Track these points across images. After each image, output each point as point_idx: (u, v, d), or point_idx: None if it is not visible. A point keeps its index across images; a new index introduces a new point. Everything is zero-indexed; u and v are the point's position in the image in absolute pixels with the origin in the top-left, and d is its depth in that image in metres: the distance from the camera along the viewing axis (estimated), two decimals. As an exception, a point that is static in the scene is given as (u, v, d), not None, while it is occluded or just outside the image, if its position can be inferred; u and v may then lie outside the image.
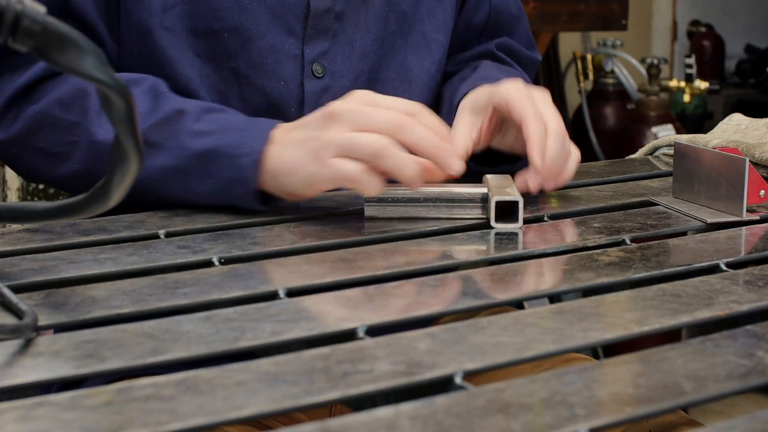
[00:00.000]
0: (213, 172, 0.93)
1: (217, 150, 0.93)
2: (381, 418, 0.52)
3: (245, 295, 0.73)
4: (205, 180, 0.93)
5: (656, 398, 0.56)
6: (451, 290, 0.75)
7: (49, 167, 0.99)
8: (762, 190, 0.95)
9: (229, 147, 0.92)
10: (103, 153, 0.95)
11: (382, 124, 0.87)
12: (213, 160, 0.93)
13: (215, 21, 1.02)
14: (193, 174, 0.93)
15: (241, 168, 0.92)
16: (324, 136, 0.88)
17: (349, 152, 0.87)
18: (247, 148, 0.92)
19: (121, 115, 0.62)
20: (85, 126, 0.96)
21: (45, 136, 0.97)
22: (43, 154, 0.98)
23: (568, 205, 0.99)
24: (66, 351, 0.62)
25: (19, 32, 0.60)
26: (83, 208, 0.68)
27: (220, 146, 0.93)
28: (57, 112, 0.97)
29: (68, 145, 0.97)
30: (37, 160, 0.99)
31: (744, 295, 0.73)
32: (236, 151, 0.92)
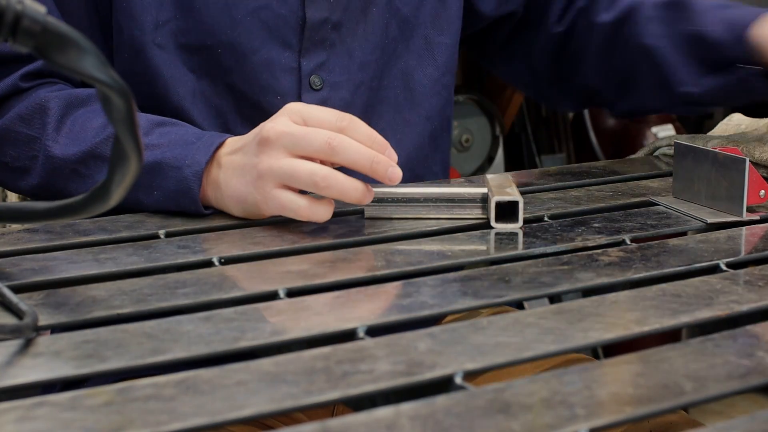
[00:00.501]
0: (158, 184, 0.93)
1: (161, 162, 0.93)
2: (381, 418, 0.52)
3: (245, 295, 0.73)
4: (152, 192, 0.94)
5: (656, 398, 0.56)
6: (451, 290, 0.75)
7: (13, 180, 1.01)
8: (762, 190, 0.95)
9: (174, 159, 0.93)
10: (58, 168, 0.97)
11: (315, 149, 0.87)
12: (158, 172, 0.93)
13: (208, 37, 1.02)
14: (140, 186, 0.93)
15: (185, 179, 0.92)
16: (261, 164, 0.88)
17: (290, 183, 0.87)
18: (190, 160, 0.92)
19: (121, 115, 0.62)
20: (43, 141, 0.97)
21: (8, 150, 0.99)
22: (6, 168, 1.00)
23: (568, 205, 0.99)
24: (66, 351, 0.62)
25: (19, 32, 0.60)
26: (83, 208, 0.68)
27: (166, 158, 0.93)
28: (18, 127, 0.99)
29: (28, 159, 0.98)
30: (2, 174, 1.01)
31: (744, 295, 0.73)
32: (181, 162, 0.93)
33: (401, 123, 1.11)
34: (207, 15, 1.01)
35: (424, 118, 1.12)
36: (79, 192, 0.94)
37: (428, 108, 1.13)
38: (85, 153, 0.96)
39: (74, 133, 0.97)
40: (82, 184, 0.96)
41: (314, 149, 0.87)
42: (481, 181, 0.98)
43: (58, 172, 0.97)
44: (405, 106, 1.11)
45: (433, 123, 1.14)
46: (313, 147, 0.87)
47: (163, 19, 1.01)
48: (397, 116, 1.10)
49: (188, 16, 1.01)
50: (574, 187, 1.06)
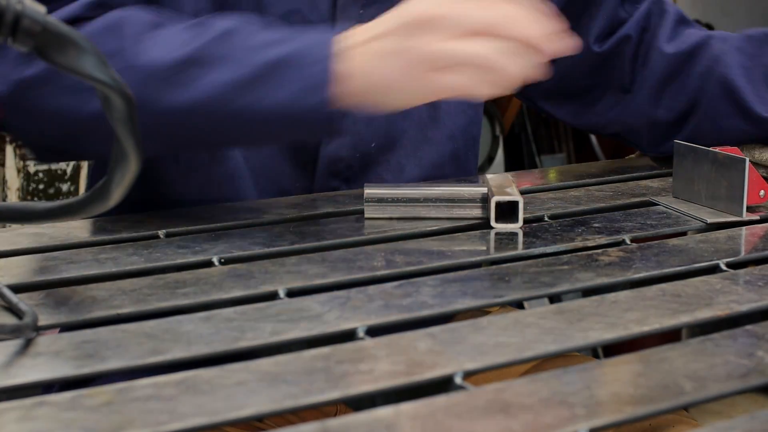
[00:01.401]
0: (282, 83, 0.86)
1: (285, 58, 0.86)
2: (381, 418, 0.52)
3: (245, 295, 0.73)
4: (273, 92, 0.86)
5: (656, 398, 0.56)
6: (451, 290, 0.75)
7: (78, 104, 0.89)
8: (762, 190, 0.95)
9: (299, 55, 0.86)
10: (148, 77, 0.87)
11: (480, 25, 0.82)
12: (281, 69, 0.86)
13: None
14: (260, 87, 0.87)
15: (314, 75, 0.86)
16: (419, 48, 0.83)
17: (453, 65, 0.83)
18: (319, 56, 0.86)
19: (121, 115, 0.62)
20: (124, 53, 0.88)
21: None
22: (76, 89, 0.89)
23: (568, 205, 0.99)
24: (66, 351, 0.62)
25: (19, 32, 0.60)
26: (83, 208, 0.68)
27: (290, 53, 0.86)
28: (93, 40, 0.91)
29: None
30: (70, 97, 0.90)
31: (744, 295, 0.73)
32: (307, 58, 0.86)
33: (423, 140, 1.09)
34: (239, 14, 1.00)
35: (447, 137, 1.10)
36: (172, 103, 0.87)
37: (452, 127, 1.11)
38: (185, 57, 0.87)
39: (160, 44, 0.88)
40: (180, 93, 0.87)
41: (478, 25, 0.82)
42: (481, 181, 0.98)
43: (148, 82, 0.87)
44: (429, 123, 1.09)
45: (457, 142, 1.11)
46: (477, 24, 0.82)
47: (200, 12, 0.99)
48: (419, 134, 1.08)
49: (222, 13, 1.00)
50: (574, 187, 1.06)
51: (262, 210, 0.96)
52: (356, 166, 1.06)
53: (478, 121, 1.14)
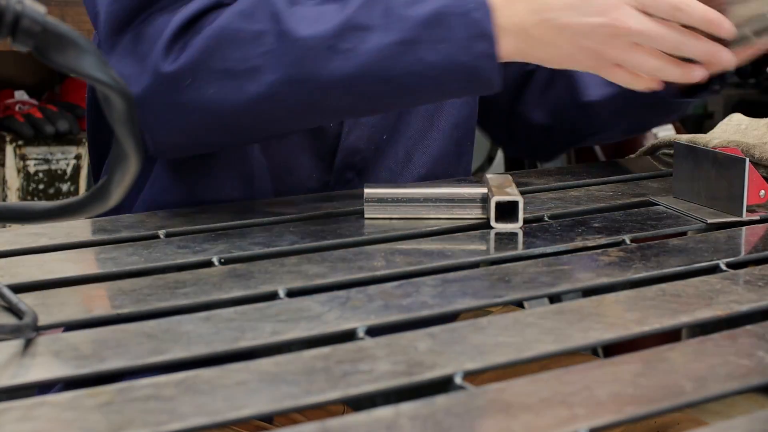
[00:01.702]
0: (445, 36, 0.86)
1: (441, 10, 0.87)
2: (381, 418, 0.52)
3: (245, 295, 0.73)
4: (437, 46, 0.86)
5: (656, 398, 0.56)
6: (451, 290, 0.75)
7: (236, 88, 0.88)
8: (762, 190, 0.95)
9: (454, 5, 0.87)
10: (309, 50, 0.87)
11: (665, 46, 0.87)
12: (441, 22, 0.86)
13: None
14: (422, 44, 0.86)
15: (477, 22, 0.86)
16: (610, 54, 0.87)
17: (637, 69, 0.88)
18: (474, 3, 0.87)
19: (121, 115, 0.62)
20: (279, 29, 0.87)
21: (229, 54, 0.87)
22: (226, 75, 0.88)
23: (568, 205, 0.99)
24: (66, 351, 0.62)
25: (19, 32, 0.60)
26: (83, 208, 0.68)
27: (445, 5, 0.87)
28: (239, 24, 0.87)
29: (259, 56, 0.87)
30: (219, 85, 0.88)
31: (744, 295, 0.73)
32: (464, 6, 0.87)
33: (430, 128, 1.09)
34: None
35: (452, 125, 1.11)
36: (341, 73, 0.86)
37: (457, 116, 1.11)
38: (341, 24, 0.87)
39: (311, 17, 0.88)
40: (345, 61, 0.87)
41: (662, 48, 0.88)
42: (481, 181, 0.98)
43: (310, 54, 0.87)
44: (435, 112, 1.09)
45: (460, 131, 1.12)
46: (660, 47, 0.87)
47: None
48: (426, 122, 1.09)
49: None
50: (574, 187, 1.06)
51: (262, 210, 0.96)
52: (369, 158, 1.06)
53: (476, 113, 1.15)
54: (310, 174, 1.04)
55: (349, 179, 1.06)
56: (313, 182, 1.04)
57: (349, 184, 1.05)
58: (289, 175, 1.03)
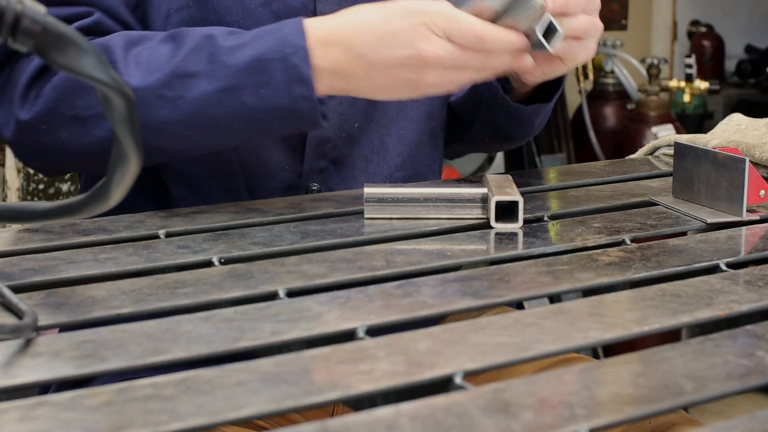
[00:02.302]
0: (265, 80, 0.90)
1: (260, 57, 0.90)
2: (381, 418, 0.52)
3: (245, 295, 0.73)
4: (259, 91, 0.91)
5: (656, 398, 0.56)
6: (451, 290, 0.75)
7: (86, 132, 0.94)
8: (762, 190, 0.95)
9: (272, 51, 0.90)
10: (142, 99, 0.91)
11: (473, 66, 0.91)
12: (261, 68, 0.90)
13: (221, 26, 1.01)
14: (244, 89, 0.91)
15: (296, 66, 0.90)
16: (425, 80, 0.90)
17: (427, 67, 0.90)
18: (292, 47, 0.90)
19: (121, 115, 0.62)
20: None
21: (75, 101, 0.94)
22: (75, 121, 0.94)
23: (568, 205, 0.99)
24: (66, 351, 0.62)
25: (19, 32, 0.60)
26: (83, 208, 0.68)
27: (263, 52, 0.90)
28: None
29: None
30: (70, 129, 0.94)
31: (744, 295, 0.73)
32: (282, 52, 0.90)
33: (403, 118, 1.11)
34: (219, 3, 1.01)
35: (425, 115, 1.13)
36: (170, 119, 0.92)
37: (430, 105, 1.13)
38: (169, 75, 0.92)
39: (144, 64, 0.93)
40: (173, 109, 0.92)
41: (472, 67, 0.91)
42: (481, 181, 0.98)
43: (141, 104, 0.91)
44: (408, 101, 1.11)
45: (434, 121, 1.14)
46: (470, 67, 0.91)
47: (176, 6, 1.01)
48: (400, 112, 1.10)
49: (202, 3, 1.01)
50: (574, 187, 1.06)
51: (262, 210, 0.96)
52: (342, 146, 1.07)
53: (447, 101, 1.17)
54: (282, 165, 1.05)
55: (323, 168, 1.06)
56: (287, 173, 1.05)
57: (323, 174, 1.06)
58: (261, 167, 1.04)
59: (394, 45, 0.90)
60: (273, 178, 1.05)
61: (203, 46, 0.92)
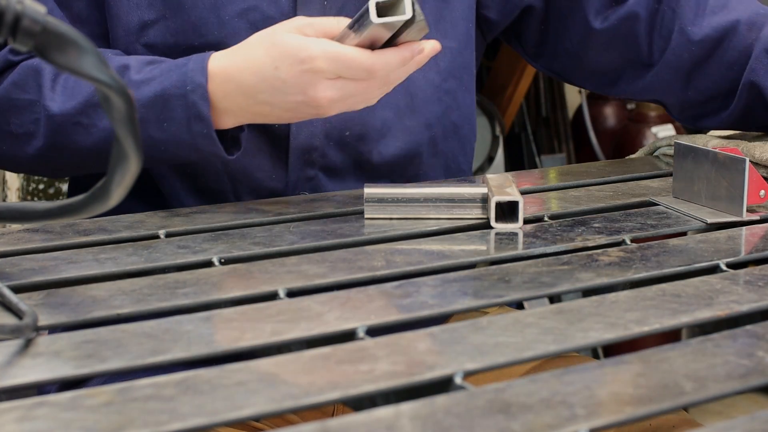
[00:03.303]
0: (166, 116, 0.94)
1: (163, 93, 0.94)
2: (381, 418, 0.52)
3: (245, 295, 0.73)
4: (163, 125, 0.94)
5: (656, 398, 0.56)
6: (451, 290, 0.75)
7: (20, 147, 1.00)
8: (762, 190, 0.95)
9: (174, 87, 0.94)
10: (60, 125, 0.97)
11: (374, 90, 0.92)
12: (162, 103, 0.94)
13: (196, 37, 1.01)
14: (149, 123, 0.94)
15: (194, 104, 0.93)
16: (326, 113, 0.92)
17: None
18: (191, 84, 0.93)
19: (121, 115, 0.62)
20: (42, 102, 0.98)
21: (10, 118, 0.99)
22: (12, 136, 1.00)
23: (568, 205, 0.99)
24: (66, 351, 0.62)
25: (19, 32, 0.60)
26: (83, 208, 0.68)
27: (166, 88, 0.94)
28: (15, 93, 0.99)
29: (32, 123, 0.99)
30: (8, 143, 1.00)
31: (744, 295, 0.73)
32: (182, 89, 0.93)
33: (400, 129, 1.09)
34: (195, 15, 1.01)
35: (423, 125, 1.10)
36: (85, 144, 0.97)
37: (428, 115, 1.10)
38: (84, 103, 0.97)
39: (69, 88, 0.98)
40: (87, 136, 0.97)
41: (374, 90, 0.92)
42: (481, 181, 0.98)
43: (61, 128, 0.97)
44: (405, 111, 1.09)
45: (433, 130, 1.11)
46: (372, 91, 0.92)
47: (151, 18, 1.01)
48: (397, 122, 1.08)
49: (177, 15, 1.01)
50: (574, 187, 1.06)
51: (262, 210, 0.96)
52: (332, 155, 1.06)
53: (458, 107, 1.14)
54: (269, 174, 1.05)
55: (312, 176, 1.06)
56: (274, 182, 1.05)
57: (313, 182, 1.06)
58: (247, 176, 1.05)
59: (287, 91, 0.91)
60: (260, 186, 1.05)
61: (121, 74, 0.96)
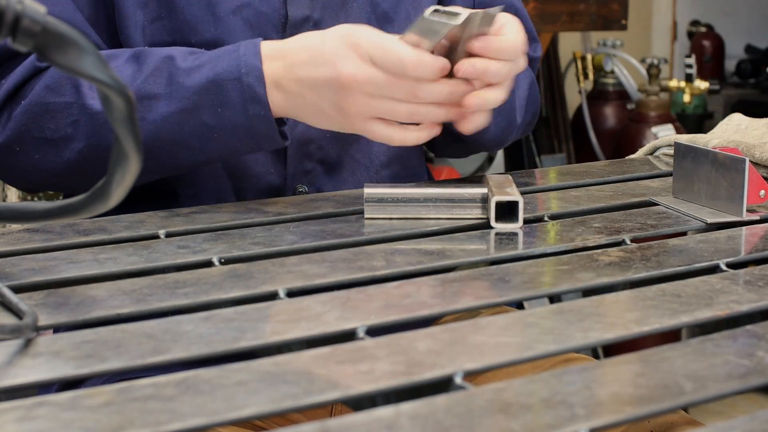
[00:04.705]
0: (221, 100, 0.94)
1: (216, 78, 0.94)
2: (381, 418, 0.52)
3: (245, 295, 0.73)
4: (217, 110, 0.94)
5: (656, 398, 0.56)
6: (451, 290, 0.75)
7: (55, 153, 0.99)
8: (762, 190, 0.95)
9: (228, 72, 0.94)
10: (105, 124, 0.95)
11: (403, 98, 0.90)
12: (217, 88, 0.94)
13: (192, 35, 1.02)
14: (203, 109, 0.94)
15: (251, 86, 0.93)
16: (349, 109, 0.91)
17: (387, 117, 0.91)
18: (246, 67, 0.93)
19: (121, 115, 0.62)
20: (81, 103, 0.97)
21: (44, 124, 0.98)
22: (46, 143, 0.98)
23: (568, 205, 0.99)
24: (66, 351, 0.62)
25: (19, 32, 0.60)
26: (83, 208, 0.68)
27: (219, 73, 0.94)
28: (49, 98, 0.98)
29: (69, 125, 0.97)
30: (42, 151, 0.99)
31: (744, 295, 0.73)
32: (237, 72, 0.93)
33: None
34: (190, 14, 1.02)
35: None
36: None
37: None
38: None
39: None
40: None
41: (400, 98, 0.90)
42: (481, 181, 0.98)
43: (106, 126, 0.95)
44: None
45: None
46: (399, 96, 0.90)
47: (150, 17, 1.02)
48: None
49: (173, 15, 1.02)
50: (574, 187, 1.06)
51: (262, 210, 0.96)
52: (328, 146, 1.07)
53: None
54: (267, 168, 1.05)
55: (309, 169, 1.06)
56: (272, 177, 1.06)
57: (310, 175, 1.06)
58: (246, 170, 1.05)
59: (320, 62, 0.92)
60: (258, 180, 1.05)
61: (163, 68, 0.96)
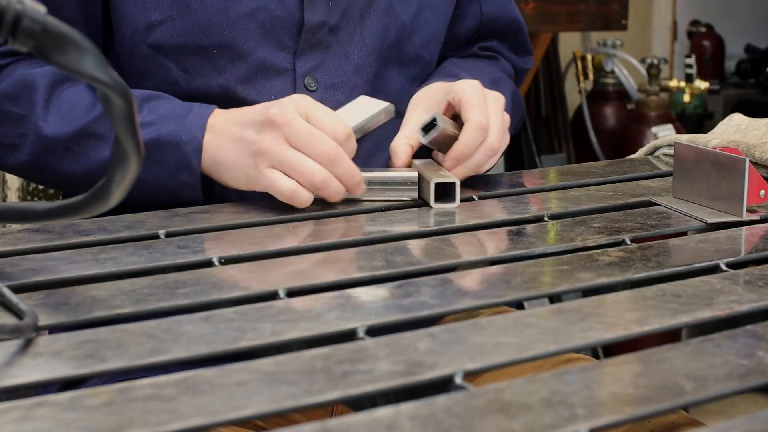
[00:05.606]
0: (158, 160, 0.97)
1: (159, 139, 0.96)
2: (381, 418, 0.52)
3: (245, 295, 0.73)
4: (151, 167, 0.97)
5: (656, 398, 0.56)
6: (451, 290, 0.75)
7: (4, 157, 1.02)
8: (762, 190, 0.95)
9: (171, 136, 0.96)
10: (49, 147, 0.99)
11: (316, 153, 0.92)
12: (157, 148, 0.97)
13: (204, 37, 1.02)
14: None
15: (186, 155, 0.96)
16: (263, 143, 0.93)
17: (287, 170, 0.92)
18: (187, 136, 0.96)
19: (121, 115, 0.62)
20: (32, 120, 0.99)
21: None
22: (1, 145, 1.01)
23: (568, 205, 0.99)
24: (66, 351, 0.62)
25: (19, 32, 0.60)
26: (83, 208, 0.68)
27: (162, 135, 0.96)
28: (5, 105, 1.00)
29: (17, 136, 1.00)
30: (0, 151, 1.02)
31: (744, 295, 0.73)
32: (178, 138, 0.96)
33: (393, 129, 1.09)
34: (203, 15, 1.02)
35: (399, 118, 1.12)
36: (71, 169, 1.00)
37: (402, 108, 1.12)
38: (78, 131, 0.99)
39: (63, 111, 0.99)
40: (76, 162, 0.99)
41: (315, 153, 0.92)
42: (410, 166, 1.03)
43: (49, 150, 0.99)
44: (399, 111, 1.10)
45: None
46: (315, 151, 0.92)
47: (158, 19, 1.02)
48: (390, 121, 1.09)
49: (185, 16, 1.02)
50: (574, 187, 1.06)
51: (262, 210, 0.96)
52: None
53: None
54: None
55: None
56: None
57: None
58: None
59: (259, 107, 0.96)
60: None
61: None
